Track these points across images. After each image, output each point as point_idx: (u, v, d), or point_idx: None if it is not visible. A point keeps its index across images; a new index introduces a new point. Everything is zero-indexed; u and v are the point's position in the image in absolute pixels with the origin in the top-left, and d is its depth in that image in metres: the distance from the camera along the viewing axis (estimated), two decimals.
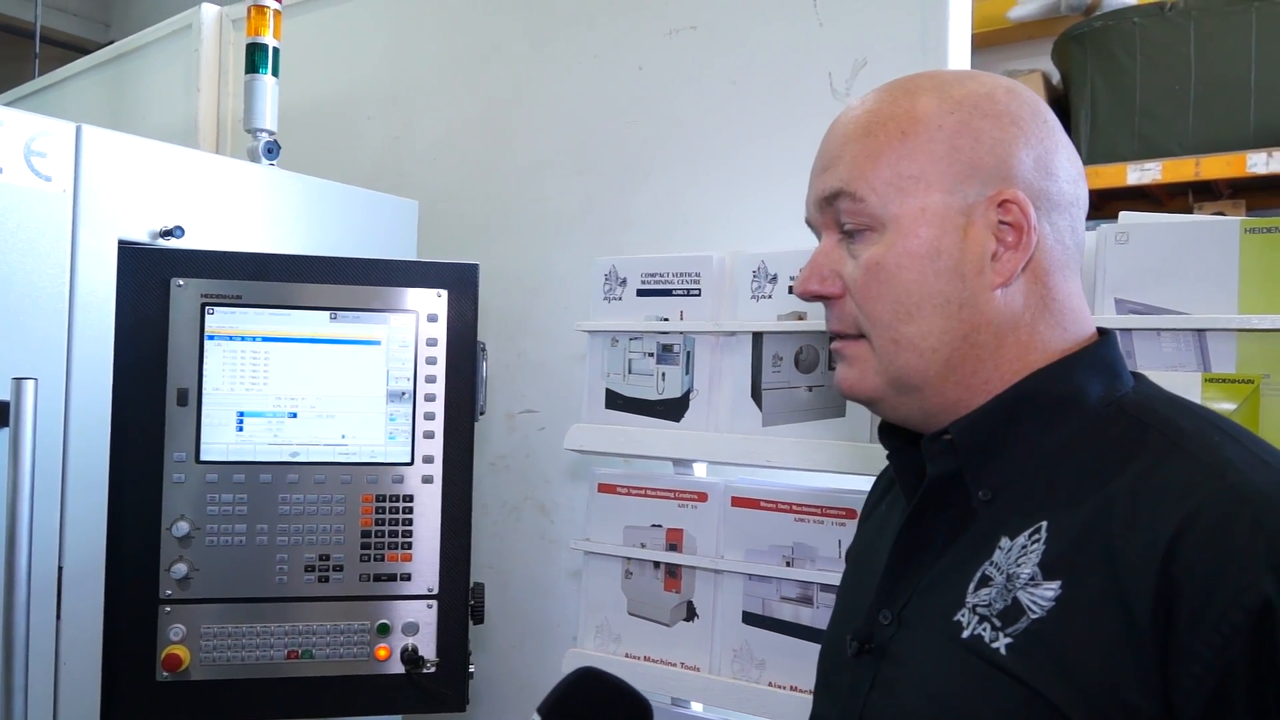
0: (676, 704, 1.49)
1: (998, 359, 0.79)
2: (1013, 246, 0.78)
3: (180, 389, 1.51)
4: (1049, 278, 0.80)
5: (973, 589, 0.76)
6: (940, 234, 0.78)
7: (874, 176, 0.79)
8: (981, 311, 0.79)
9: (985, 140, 0.78)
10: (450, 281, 1.60)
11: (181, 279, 1.51)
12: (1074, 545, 0.71)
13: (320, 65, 2.43)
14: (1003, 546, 0.76)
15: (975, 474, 0.79)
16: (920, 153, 0.79)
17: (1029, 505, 0.76)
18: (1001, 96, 0.80)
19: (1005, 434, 0.79)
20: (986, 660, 0.72)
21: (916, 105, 0.80)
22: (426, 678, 1.56)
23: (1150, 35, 2.68)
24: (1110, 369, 0.81)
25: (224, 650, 1.51)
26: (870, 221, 0.80)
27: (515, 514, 2.03)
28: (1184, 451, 0.72)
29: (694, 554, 1.45)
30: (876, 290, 0.80)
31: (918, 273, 0.78)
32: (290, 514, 1.54)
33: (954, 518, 0.81)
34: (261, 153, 1.76)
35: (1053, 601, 0.71)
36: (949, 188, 0.78)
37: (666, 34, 1.87)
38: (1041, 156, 0.80)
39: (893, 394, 0.82)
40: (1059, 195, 0.80)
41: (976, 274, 0.78)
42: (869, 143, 0.80)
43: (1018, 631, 0.72)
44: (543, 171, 2.04)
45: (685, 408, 1.48)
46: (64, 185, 1.41)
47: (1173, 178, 2.66)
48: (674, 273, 1.51)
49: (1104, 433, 0.77)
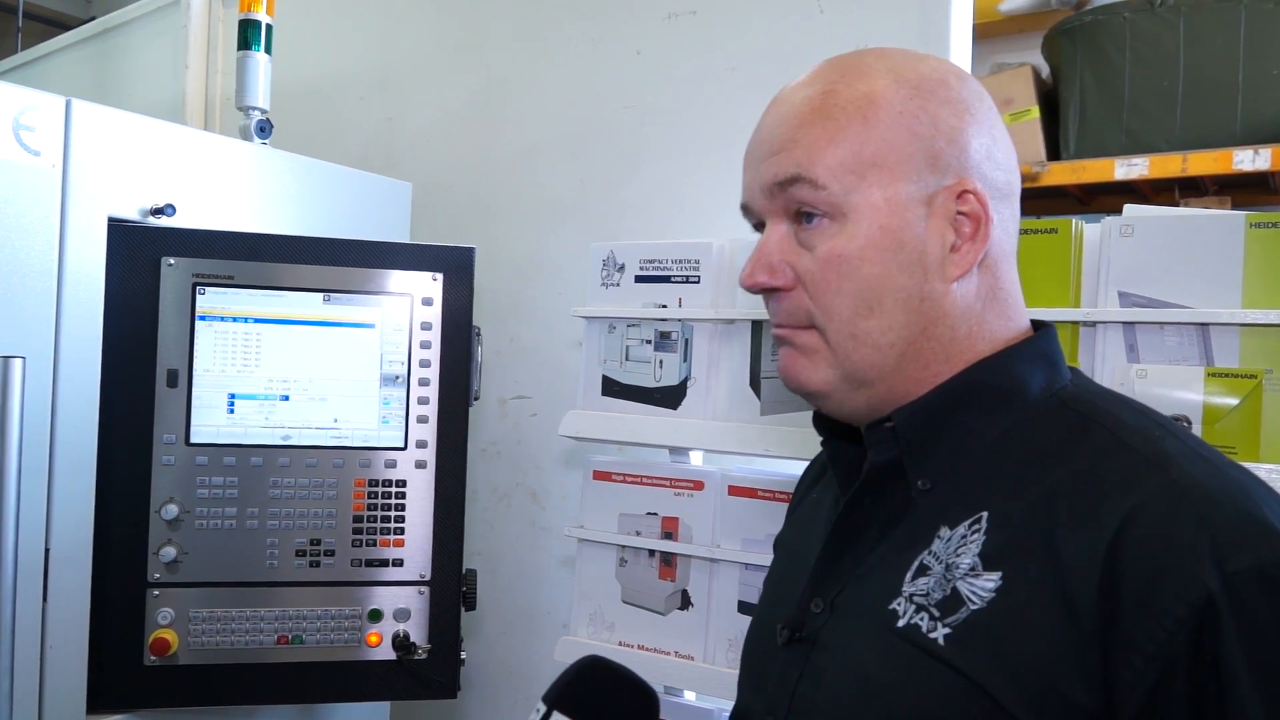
0: (670, 693, 1.49)
1: (949, 351, 0.79)
2: (970, 238, 0.77)
3: (170, 370, 1.49)
4: (998, 267, 0.80)
5: (910, 578, 0.75)
6: (903, 225, 0.76)
7: (834, 162, 0.76)
8: (940, 305, 0.78)
9: (943, 127, 0.76)
10: (446, 265, 1.59)
11: (172, 258, 1.49)
12: (1015, 536, 0.71)
13: (310, 45, 2.40)
14: (942, 536, 0.75)
15: (916, 463, 0.78)
16: (881, 138, 0.76)
17: (969, 495, 0.76)
18: (954, 82, 0.79)
19: (947, 423, 0.78)
20: (924, 650, 0.72)
21: (873, 87, 0.77)
22: (418, 664, 1.55)
23: (1140, 31, 2.69)
24: (1050, 361, 0.81)
25: (213, 635, 1.49)
26: (829, 210, 0.77)
27: (506, 500, 2.02)
28: (1126, 446, 0.72)
29: (689, 542, 1.45)
30: (836, 284, 0.77)
31: (881, 265, 0.76)
32: (281, 498, 1.52)
33: (891, 506, 0.80)
34: (254, 131, 1.73)
35: (993, 592, 0.70)
36: (911, 176, 0.76)
37: (665, 18, 1.85)
38: (989, 145, 0.79)
39: (843, 389, 0.80)
40: (1005, 185, 0.80)
41: (937, 267, 0.77)
42: (828, 125, 0.76)
43: (956, 622, 0.71)
44: (538, 156, 2.02)
45: (682, 395, 1.47)
46: (53, 160, 1.38)
47: (1160, 173, 2.67)
48: (673, 259, 1.49)
49: (1045, 424, 0.77)
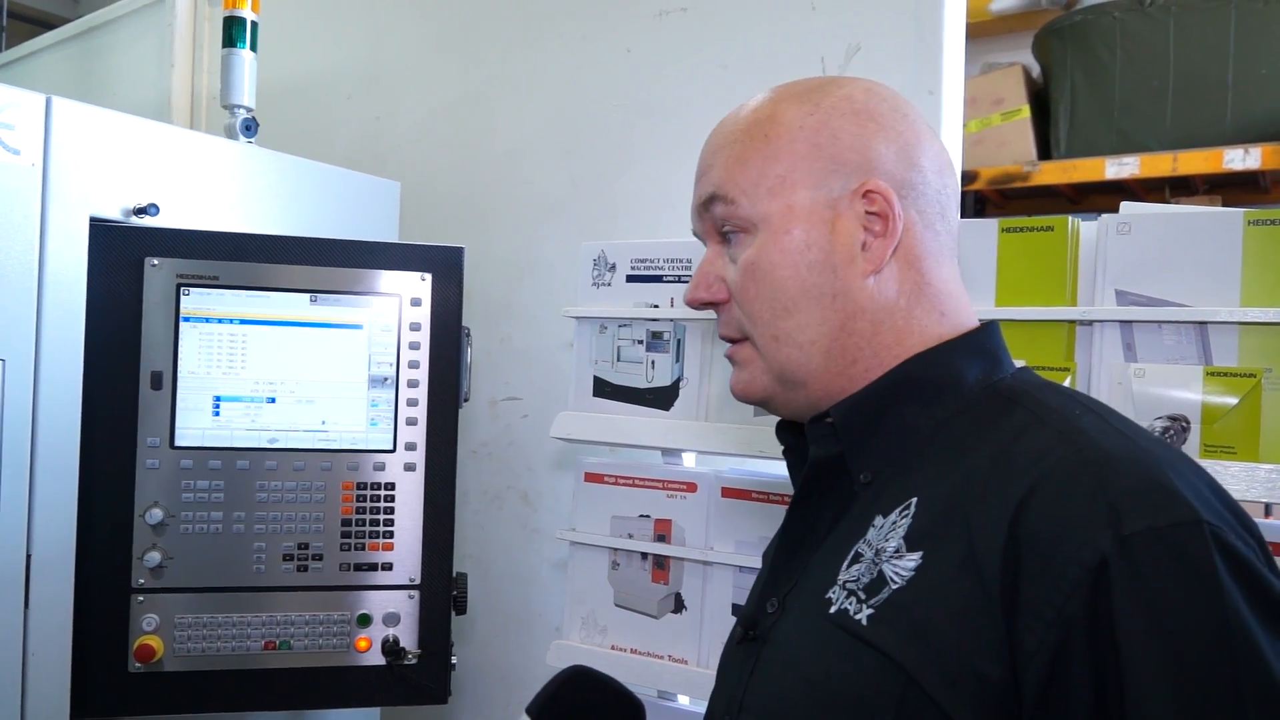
0: (663, 697, 1.47)
1: (875, 346, 0.82)
2: (880, 234, 0.81)
3: (154, 372, 1.46)
4: (921, 264, 0.83)
5: (845, 566, 0.78)
6: (809, 228, 0.81)
7: (743, 179, 0.83)
8: (855, 300, 0.81)
9: (844, 137, 0.82)
10: (435, 265, 1.57)
11: (156, 258, 1.46)
12: (937, 517, 0.73)
13: (297, 43, 2.37)
14: (876, 525, 0.77)
15: (856, 456, 0.82)
16: (784, 153, 0.82)
17: (902, 484, 0.78)
18: (860, 96, 0.84)
19: (884, 417, 0.81)
20: (850, 633, 0.74)
21: (778, 110, 0.84)
22: (408, 669, 1.53)
23: (1130, 30, 2.70)
24: (990, 355, 0.84)
25: (199, 641, 1.47)
26: (743, 224, 0.84)
27: (497, 503, 2.00)
28: (1042, 423, 0.74)
29: (683, 545, 1.43)
30: (755, 290, 0.83)
31: (791, 269, 0.82)
32: (268, 501, 1.50)
33: (838, 501, 0.83)
34: (239, 129, 1.70)
35: (912, 571, 0.72)
36: (814, 184, 0.82)
37: (656, 16, 1.84)
38: (903, 149, 0.83)
39: (782, 391, 0.85)
40: (924, 185, 0.83)
41: (847, 264, 0.81)
42: (736, 148, 0.84)
43: (879, 602, 0.73)
44: (528, 154, 2.00)
45: (675, 396, 1.45)
46: (33, 159, 1.35)
47: (1150, 173, 2.68)
48: (665, 259, 1.48)
49: (975, 411, 0.80)
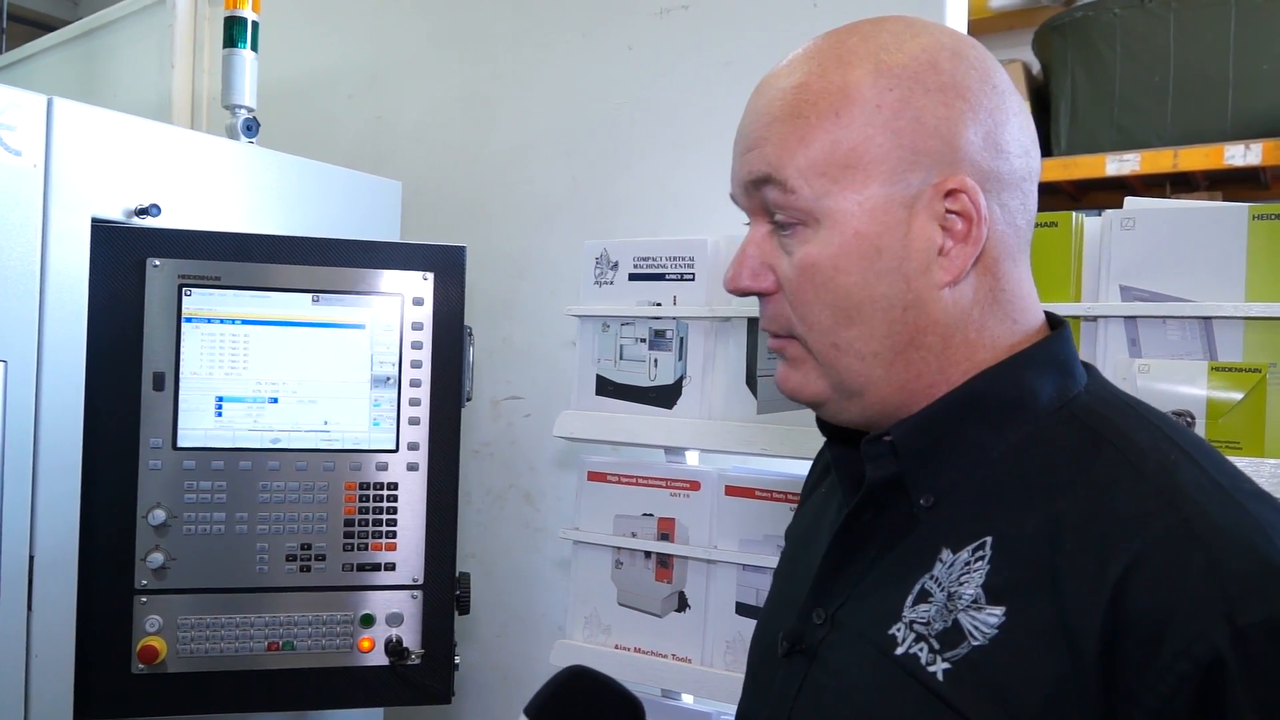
0: (667, 696, 1.47)
1: (943, 362, 0.74)
2: (961, 239, 0.72)
3: (156, 373, 1.46)
4: (998, 267, 0.74)
5: (910, 603, 0.72)
6: (881, 230, 0.71)
7: (805, 164, 0.72)
8: (928, 313, 0.73)
9: (928, 120, 0.71)
10: (437, 264, 1.56)
11: (158, 259, 1.46)
12: (1020, 568, 0.67)
13: (298, 42, 2.37)
14: (944, 560, 0.71)
15: (916, 479, 0.74)
16: (855, 137, 0.71)
17: (973, 516, 0.72)
18: (946, 64, 0.72)
19: (950, 438, 0.74)
20: (922, 684, 0.68)
21: (850, 80, 0.71)
22: (411, 669, 1.53)
23: (1130, 27, 2.69)
24: (1063, 366, 0.75)
25: (202, 642, 1.46)
26: (801, 215, 0.73)
27: (499, 502, 2.00)
28: (1138, 473, 0.67)
29: (686, 544, 1.43)
30: (813, 293, 0.73)
31: (858, 275, 0.72)
32: (271, 502, 1.50)
33: (893, 521, 0.76)
34: (240, 130, 1.70)
35: (995, 629, 0.67)
36: (889, 177, 0.71)
37: (657, 13, 1.83)
38: (991, 131, 0.72)
39: (836, 398, 0.77)
40: (1009, 173, 0.73)
41: (922, 272, 0.72)
42: (799, 123, 0.72)
43: (957, 658, 0.68)
44: (529, 153, 1.99)
45: (678, 394, 1.45)
46: (35, 160, 1.35)
47: (1151, 169, 2.68)
48: (667, 256, 1.47)
49: (1054, 440, 0.72)
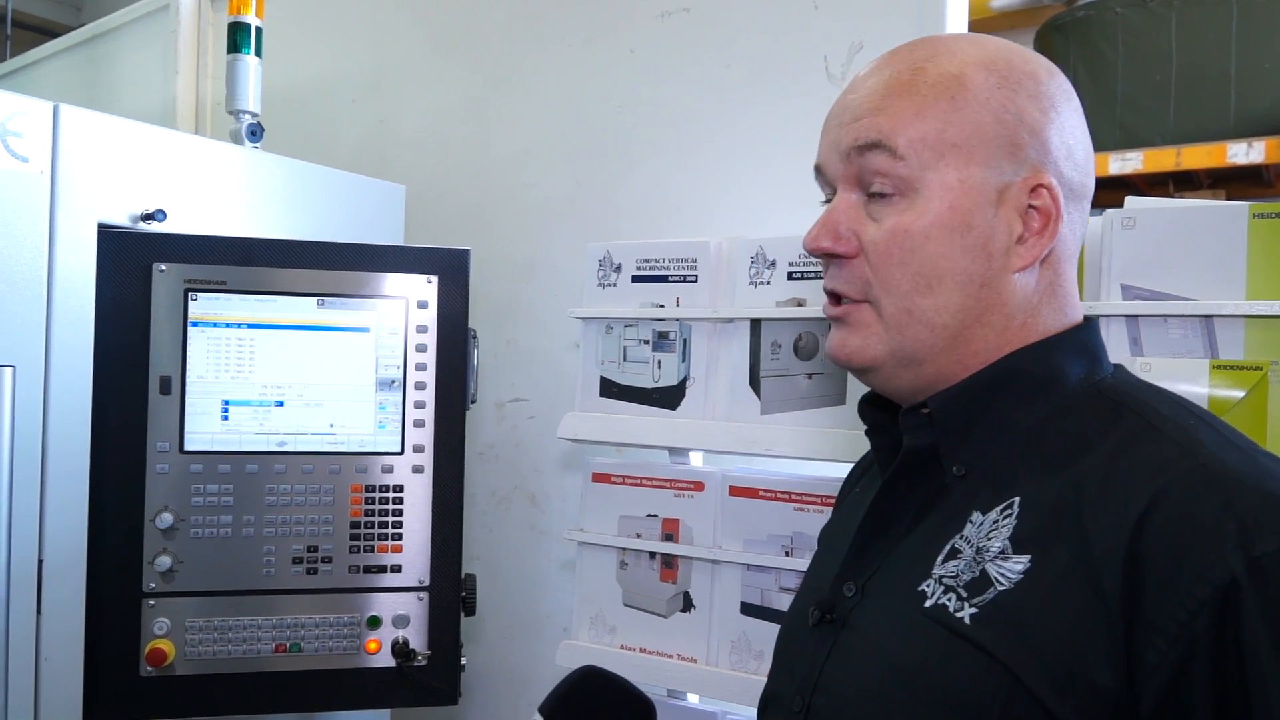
0: (673, 696, 1.47)
1: (1000, 341, 0.79)
2: (1038, 232, 0.78)
3: (163, 377, 1.47)
4: (1060, 264, 0.80)
5: (940, 560, 0.76)
6: (973, 209, 0.76)
7: (916, 135, 0.77)
8: (999, 293, 0.78)
9: (1027, 120, 0.77)
10: (441, 267, 1.57)
11: (164, 264, 1.47)
12: (1045, 520, 0.71)
13: (301, 48, 2.38)
14: (974, 521, 0.75)
15: (950, 449, 0.79)
16: (966, 121, 0.76)
17: (1002, 481, 0.76)
18: (1044, 77, 0.79)
19: (983, 410, 0.79)
20: (949, 628, 0.72)
21: (964, 71, 0.78)
22: (417, 671, 1.54)
23: (1132, 26, 2.70)
24: (1091, 354, 0.81)
25: (210, 644, 1.47)
26: (901, 184, 0.77)
27: (504, 504, 2.01)
28: (1158, 432, 0.72)
29: (690, 544, 1.43)
30: (899, 257, 0.78)
31: (946, 245, 0.77)
32: (277, 505, 1.50)
33: (927, 492, 0.80)
34: (245, 134, 1.71)
35: (1020, 574, 0.70)
36: (988, 162, 0.76)
37: (659, 16, 1.84)
38: (1072, 147, 0.79)
39: (891, 365, 0.80)
40: (1080, 186, 0.80)
41: (1002, 254, 0.77)
42: (915, 100, 0.77)
43: (984, 602, 0.71)
44: (532, 156, 2.00)
45: (682, 396, 1.46)
46: (41, 166, 1.36)
47: (1154, 167, 2.68)
48: (670, 258, 1.48)
49: (1080, 412, 0.77)
